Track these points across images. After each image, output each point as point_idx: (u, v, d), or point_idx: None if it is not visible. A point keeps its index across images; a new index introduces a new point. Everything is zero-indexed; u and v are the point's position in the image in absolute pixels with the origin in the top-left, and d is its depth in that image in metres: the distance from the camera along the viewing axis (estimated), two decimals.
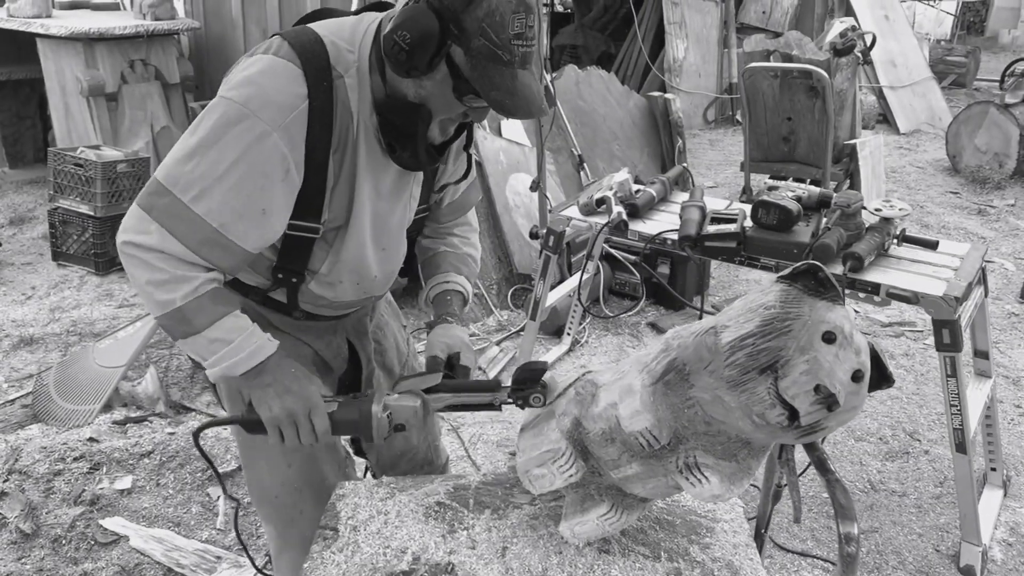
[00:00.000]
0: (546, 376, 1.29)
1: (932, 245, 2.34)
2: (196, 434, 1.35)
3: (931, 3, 10.86)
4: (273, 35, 1.28)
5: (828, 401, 1.01)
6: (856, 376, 1.03)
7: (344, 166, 1.29)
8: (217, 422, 1.40)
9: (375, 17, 1.30)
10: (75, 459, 2.58)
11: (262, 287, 1.42)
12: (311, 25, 1.29)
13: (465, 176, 1.53)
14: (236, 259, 1.26)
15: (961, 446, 2.21)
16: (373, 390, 1.35)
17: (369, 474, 1.81)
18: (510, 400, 1.29)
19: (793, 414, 1.02)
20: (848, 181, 4.60)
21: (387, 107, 1.28)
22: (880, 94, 7.54)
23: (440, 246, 1.63)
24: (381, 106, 1.28)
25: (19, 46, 5.09)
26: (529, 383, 1.27)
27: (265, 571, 1.83)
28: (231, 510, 2.45)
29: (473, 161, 1.53)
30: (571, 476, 1.24)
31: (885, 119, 7.66)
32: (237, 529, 1.45)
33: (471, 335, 3.63)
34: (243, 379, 1.29)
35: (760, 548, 1.46)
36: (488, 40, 1.15)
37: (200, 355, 1.28)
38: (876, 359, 1.08)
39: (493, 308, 3.85)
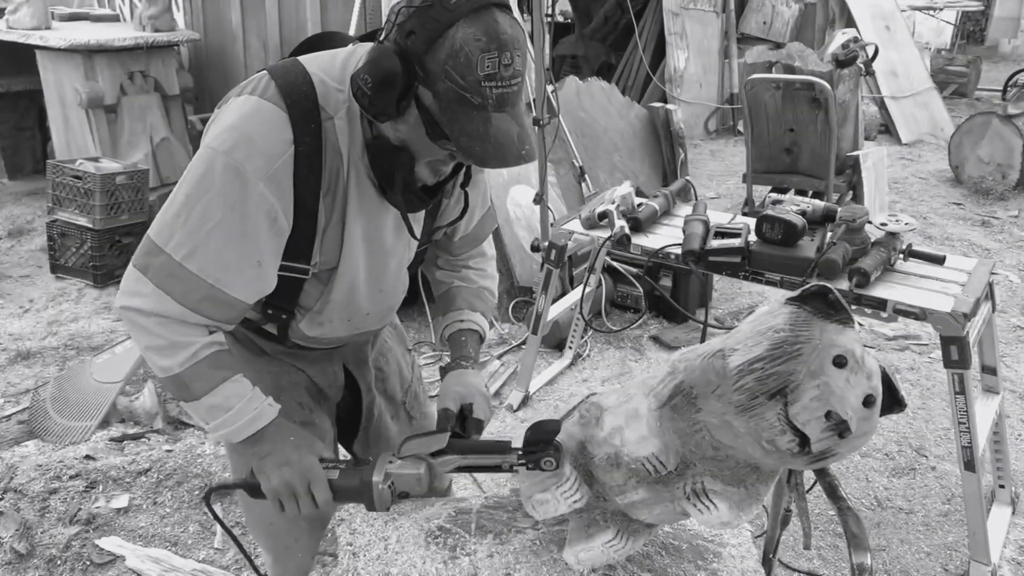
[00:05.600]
0: (560, 436, 1.23)
1: (939, 260, 2.32)
2: (207, 498, 1.32)
3: (931, 13, 10.87)
4: (262, 70, 1.23)
5: (839, 428, 0.98)
6: (867, 401, 1.01)
7: (335, 209, 1.26)
8: (224, 486, 1.38)
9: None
10: (71, 477, 2.55)
11: (253, 319, 1.39)
12: (303, 59, 1.24)
13: (461, 216, 1.46)
14: (236, 312, 1.24)
15: (970, 464, 2.18)
16: (375, 458, 1.28)
17: None
18: (522, 462, 1.23)
19: (803, 440, 0.99)
20: (851, 193, 4.58)
21: (374, 149, 1.23)
22: (882, 104, 7.53)
23: (455, 280, 1.58)
24: (370, 148, 1.24)
25: (18, 58, 5.07)
26: (542, 444, 1.21)
27: None
28: (224, 537, 2.41)
29: (477, 197, 1.46)
30: (576, 502, 1.22)
31: (887, 129, 7.65)
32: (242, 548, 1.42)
33: None
34: (242, 446, 1.26)
35: (768, 573, 1.43)
36: (453, 83, 1.08)
37: (201, 419, 1.25)
38: (888, 382, 1.06)
39: (494, 321, 3.82)
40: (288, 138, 1.17)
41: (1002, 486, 2.60)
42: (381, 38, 1.15)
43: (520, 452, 1.23)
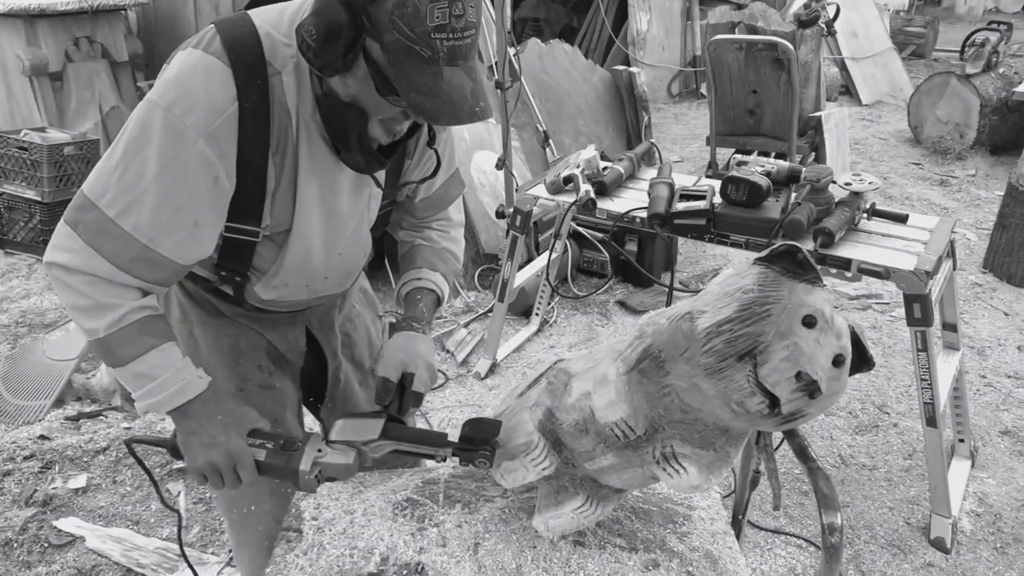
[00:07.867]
0: (500, 435, 1.20)
1: (902, 219, 2.33)
2: (128, 444, 1.28)
3: None
4: (211, 23, 1.17)
5: (809, 388, 0.97)
6: (837, 361, 1.00)
7: (285, 168, 1.20)
8: (148, 440, 1.34)
9: None
10: (25, 458, 2.48)
11: (210, 280, 1.34)
12: (252, 12, 1.17)
13: (434, 174, 1.41)
14: (168, 273, 1.18)
15: (931, 420, 2.21)
16: (305, 439, 1.24)
17: None
18: (455, 456, 1.21)
19: (773, 402, 0.98)
20: (813, 154, 4.60)
21: (325, 106, 1.17)
22: (842, 65, 7.56)
23: (417, 239, 1.53)
24: (320, 105, 1.18)
25: None
26: (478, 443, 1.20)
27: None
28: (188, 512, 2.37)
29: (443, 158, 1.40)
30: (544, 469, 1.20)
31: (847, 90, 7.69)
32: (181, 546, 1.39)
33: (438, 318, 3.56)
34: (170, 416, 1.21)
35: (738, 535, 1.43)
36: (401, 34, 1.01)
37: (128, 387, 1.20)
38: (856, 341, 1.05)
39: (460, 289, 3.79)
40: (231, 94, 1.11)
41: (961, 440, 2.65)
42: None
43: (456, 446, 1.21)
